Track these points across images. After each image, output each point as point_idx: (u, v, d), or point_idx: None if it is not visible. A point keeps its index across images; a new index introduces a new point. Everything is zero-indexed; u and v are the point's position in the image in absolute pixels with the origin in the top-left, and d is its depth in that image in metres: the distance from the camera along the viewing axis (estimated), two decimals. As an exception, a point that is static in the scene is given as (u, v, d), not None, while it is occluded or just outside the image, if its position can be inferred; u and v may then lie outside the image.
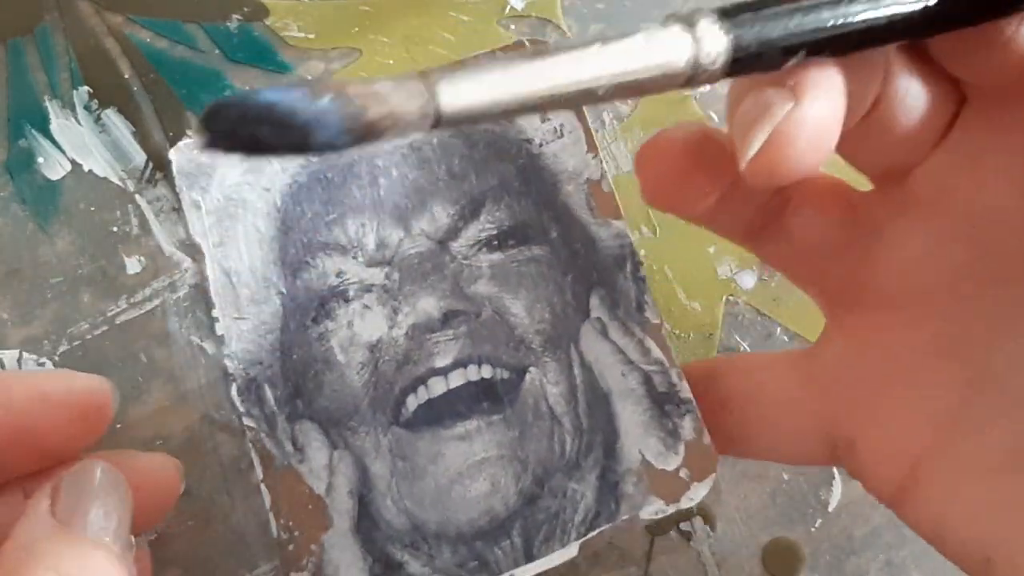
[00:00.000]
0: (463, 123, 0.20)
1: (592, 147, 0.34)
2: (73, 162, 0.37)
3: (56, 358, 0.36)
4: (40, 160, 0.37)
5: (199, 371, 0.35)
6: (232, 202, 0.32)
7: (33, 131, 0.38)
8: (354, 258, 0.32)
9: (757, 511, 0.36)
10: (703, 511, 0.36)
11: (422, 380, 0.32)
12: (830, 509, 0.37)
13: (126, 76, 0.39)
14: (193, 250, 0.33)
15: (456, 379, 0.32)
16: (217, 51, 0.39)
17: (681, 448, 0.31)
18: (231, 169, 0.33)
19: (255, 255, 0.32)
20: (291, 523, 0.30)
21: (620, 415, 0.32)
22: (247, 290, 0.32)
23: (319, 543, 0.30)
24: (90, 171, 0.37)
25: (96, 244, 0.36)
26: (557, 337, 0.32)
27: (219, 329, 0.32)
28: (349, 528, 0.31)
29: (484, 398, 0.32)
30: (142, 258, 0.37)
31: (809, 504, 0.37)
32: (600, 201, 0.34)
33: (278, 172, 0.33)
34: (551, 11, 0.41)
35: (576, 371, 0.32)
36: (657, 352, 0.32)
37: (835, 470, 0.37)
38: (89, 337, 0.36)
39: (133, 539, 0.26)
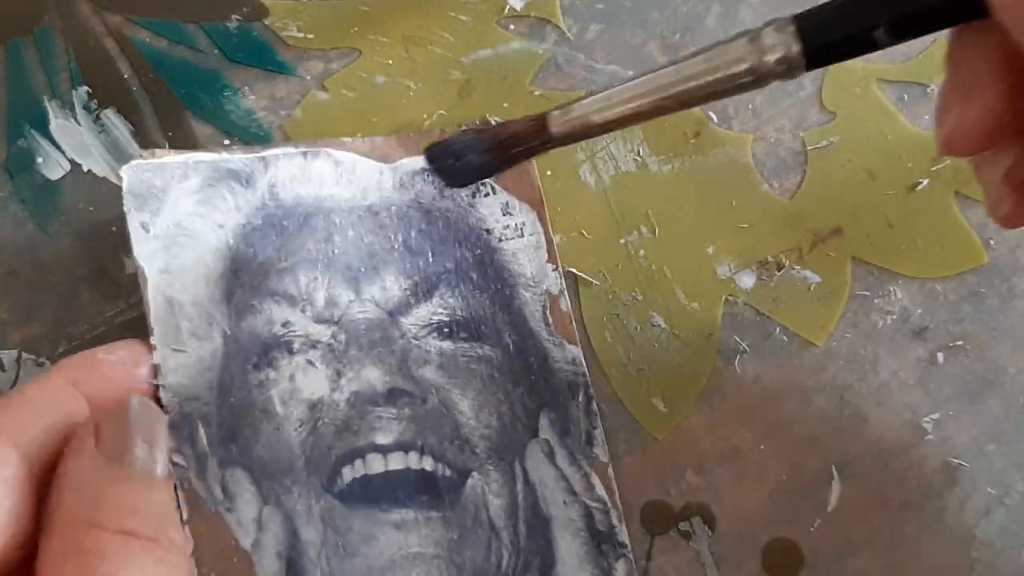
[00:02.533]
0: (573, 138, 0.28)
1: (553, 258, 0.33)
2: (72, 162, 0.37)
3: (55, 358, 0.36)
4: (39, 160, 0.37)
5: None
6: (183, 231, 0.31)
7: (32, 131, 0.38)
8: (302, 311, 0.31)
9: (756, 511, 0.36)
10: (703, 511, 0.36)
11: (360, 453, 0.31)
12: (829, 509, 0.37)
13: (125, 76, 0.39)
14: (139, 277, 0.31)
15: (396, 461, 0.31)
16: (216, 51, 0.39)
17: None
18: (185, 197, 0.32)
19: (200, 289, 0.31)
20: (214, 574, 0.29)
21: (559, 543, 0.31)
22: (188, 323, 0.31)
23: None
24: (89, 171, 0.37)
25: (95, 244, 0.36)
26: (502, 447, 0.32)
27: (155, 358, 0.30)
28: None
29: (424, 491, 0.31)
30: (141, 258, 0.37)
31: (808, 504, 0.37)
32: (556, 319, 0.33)
33: (232, 210, 0.32)
34: (550, 11, 0.41)
35: (519, 487, 0.32)
36: (601, 490, 0.32)
37: (834, 470, 0.37)
38: (88, 337, 0.36)
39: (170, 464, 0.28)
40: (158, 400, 0.30)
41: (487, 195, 0.34)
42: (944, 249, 0.39)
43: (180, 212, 0.31)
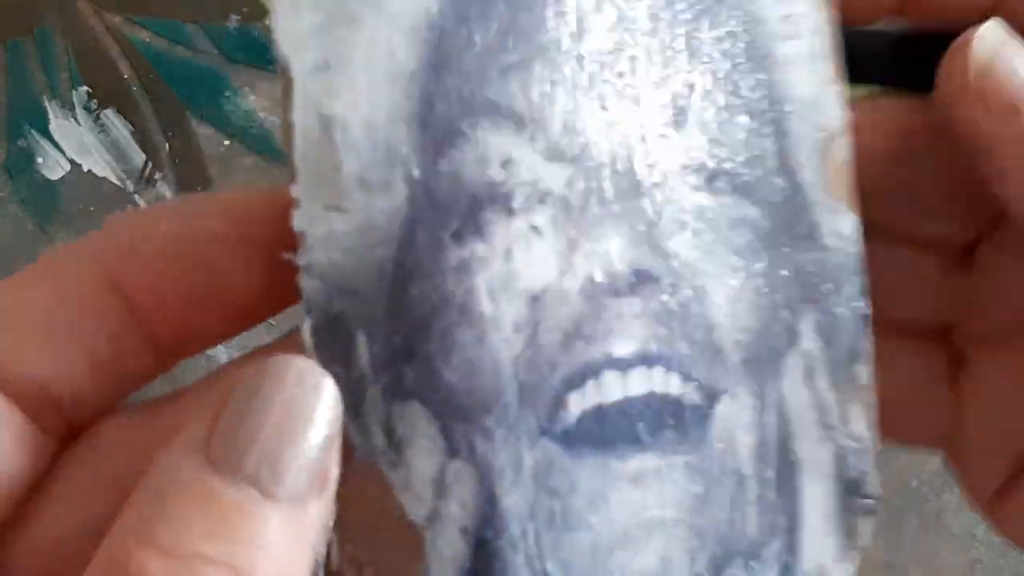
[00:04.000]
0: None
1: (833, 74, 0.23)
2: (72, 162, 0.37)
3: (55, 358, 0.36)
4: (39, 160, 0.37)
5: (199, 374, 0.35)
6: None
7: (32, 131, 0.38)
8: (531, 139, 0.21)
9: (756, 512, 0.36)
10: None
11: (594, 370, 0.21)
12: (829, 510, 0.37)
13: (125, 76, 0.39)
14: (281, 80, 0.19)
15: (638, 382, 0.21)
16: (216, 51, 0.39)
17: (854, 558, 0.23)
18: None
19: (380, 99, 0.20)
20: (362, 555, 0.20)
21: (805, 497, 0.23)
22: (355, 161, 0.19)
23: None
24: (89, 171, 0.37)
25: (95, 244, 0.37)
26: (758, 360, 0.23)
27: (297, 221, 0.19)
28: None
29: (668, 424, 0.21)
30: (141, 258, 0.37)
31: (808, 505, 0.37)
32: (833, 170, 0.23)
33: None
34: (551, 11, 0.41)
35: (771, 419, 0.23)
36: (860, 424, 0.23)
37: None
38: (88, 337, 0.36)
39: (337, 468, 0.18)
40: (297, 291, 0.20)
41: None
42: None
43: None
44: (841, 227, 0.23)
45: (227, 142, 0.38)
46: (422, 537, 0.20)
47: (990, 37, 0.23)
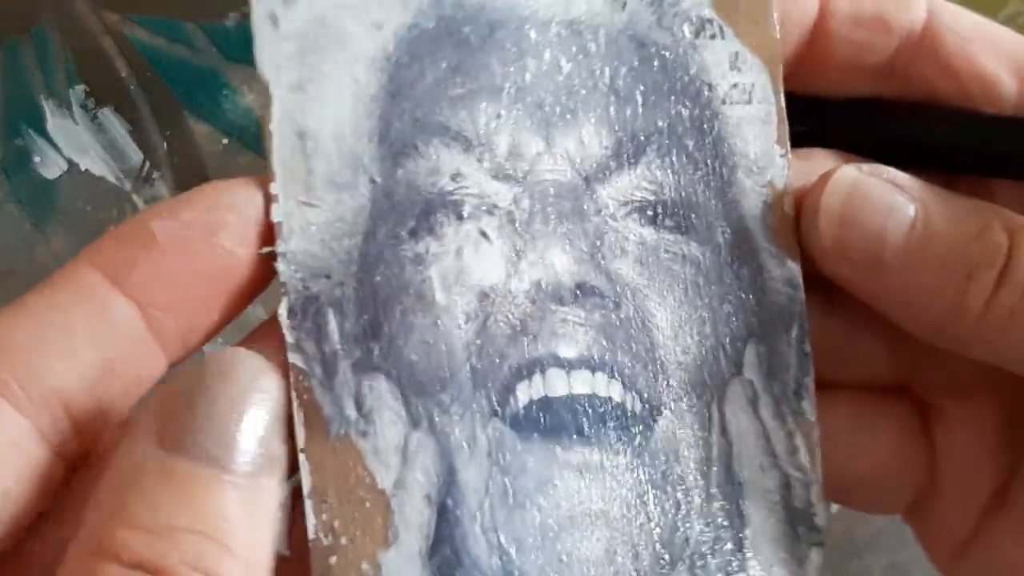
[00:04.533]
0: None
1: (783, 140, 0.25)
2: (70, 161, 0.37)
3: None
4: (36, 159, 0.37)
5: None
6: (326, 30, 0.23)
7: (29, 130, 0.38)
8: (479, 160, 0.23)
9: (758, 512, 0.36)
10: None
11: (540, 365, 0.23)
12: (832, 511, 0.36)
13: (123, 75, 0.38)
14: (261, 95, 0.23)
15: (581, 383, 0.24)
16: (214, 49, 0.39)
17: None
18: None
19: (345, 116, 0.23)
20: (337, 523, 0.21)
21: (751, 519, 0.24)
22: (325, 165, 0.22)
23: (374, 563, 0.22)
24: (87, 170, 0.37)
25: (93, 244, 0.36)
26: (700, 382, 0.25)
27: (275, 214, 0.22)
28: (419, 551, 0.22)
29: (611, 426, 0.24)
30: (139, 258, 0.36)
31: (811, 505, 0.37)
32: (778, 222, 0.25)
33: (396, 3, 0.23)
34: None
35: (714, 438, 0.25)
36: (804, 456, 0.25)
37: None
38: (86, 338, 0.35)
39: (282, 448, 0.20)
40: (272, 275, 0.22)
41: (713, 36, 0.25)
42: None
43: (324, 2, 0.23)
44: (785, 273, 0.25)
45: (225, 140, 0.37)
46: (390, 503, 0.22)
47: (836, 194, 0.23)
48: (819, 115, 0.26)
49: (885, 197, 0.23)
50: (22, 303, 0.20)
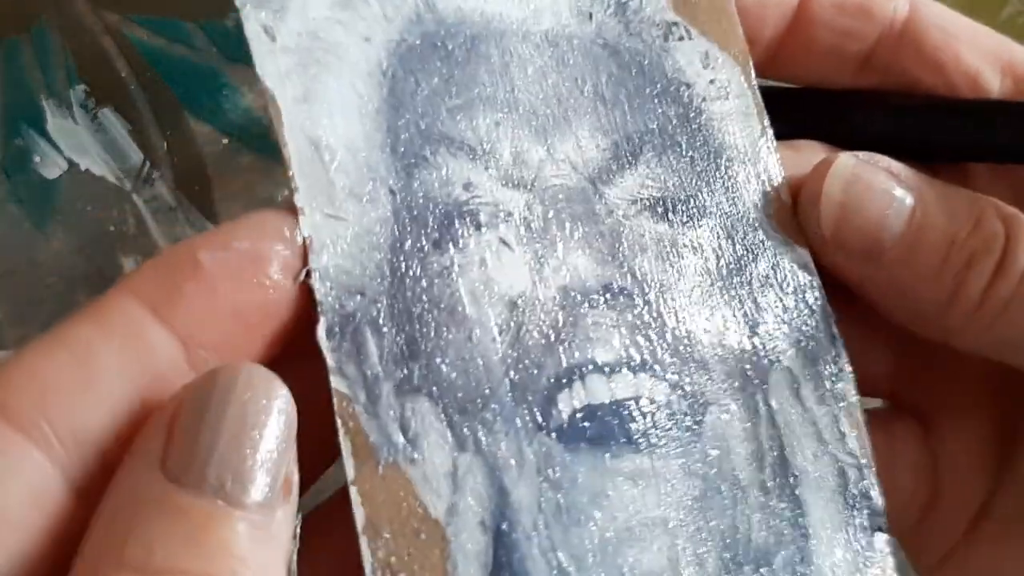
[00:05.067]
0: None
1: (766, 132, 0.25)
2: (70, 161, 0.37)
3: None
4: (36, 159, 0.37)
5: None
6: (320, 43, 0.22)
7: (29, 130, 0.38)
8: (486, 168, 0.23)
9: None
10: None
11: (579, 371, 0.23)
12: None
13: (123, 75, 0.38)
14: (267, 106, 0.22)
15: (624, 386, 0.23)
16: (215, 49, 0.39)
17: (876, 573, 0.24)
18: None
19: (355, 128, 0.22)
20: (394, 560, 0.20)
21: (810, 509, 0.24)
22: (344, 177, 0.22)
23: None
24: (87, 170, 0.37)
25: (93, 244, 0.36)
26: (742, 374, 0.24)
27: (304, 227, 0.21)
28: None
29: (658, 427, 0.23)
30: (139, 258, 0.36)
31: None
32: (779, 211, 0.25)
33: (380, 19, 0.23)
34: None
35: (764, 429, 0.24)
36: (852, 440, 0.24)
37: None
38: (86, 337, 0.35)
39: (295, 471, 0.18)
40: (309, 296, 0.20)
41: (681, 39, 0.25)
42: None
43: (313, 16, 0.22)
44: (798, 258, 0.25)
45: (225, 140, 0.37)
46: (445, 533, 0.20)
47: (837, 183, 0.23)
48: (801, 107, 0.26)
49: (885, 186, 0.23)
50: (57, 335, 0.18)
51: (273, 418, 0.17)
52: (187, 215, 0.38)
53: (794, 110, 0.27)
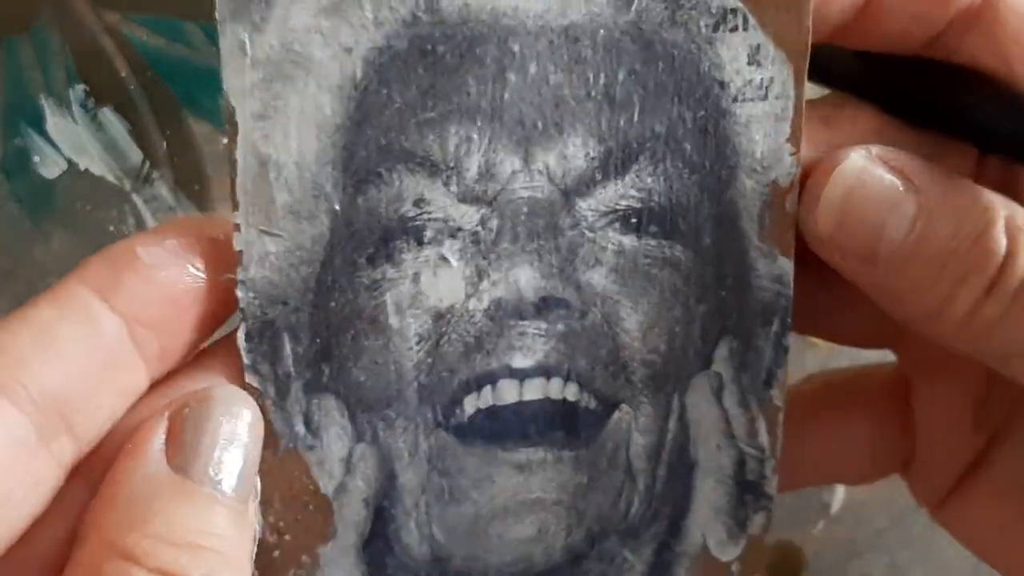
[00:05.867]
0: None
1: (795, 138, 0.25)
2: (69, 161, 0.37)
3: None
4: (36, 159, 0.37)
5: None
6: (293, 57, 0.22)
7: (29, 130, 0.37)
8: (445, 184, 0.23)
9: (759, 513, 0.36)
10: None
11: (491, 378, 0.24)
12: (832, 512, 0.36)
13: (122, 74, 0.38)
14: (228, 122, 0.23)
15: (534, 390, 0.25)
16: (215, 49, 0.39)
17: (743, 541, 0.27)
18: (301, 5, 0.22)
19: (309, 146, 0.22)
20: (282, 523, 0.24)
21: (698, 491, 0.26)
22: (287, 195, 0.22)
23: (313, 555, 0.24)
24: (86, 170, 0.37)
25: (92, 244, 0.36)
26: (664, 377, 0.25)
27: (237, 242, 0.22)
28: (354, 544, 0.24)
29: (560, 425, 0.25)
30: (139, 258, 0.36)
31: (811, 507, 0.36)
32: (775, 220, 0.25)
33: (369, 24, 0.22)
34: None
35: (671, 425, 0.26)
36: (764, 436, 0.26)
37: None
38: (85, 338, 0.35)
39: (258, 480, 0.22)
40: (235, 301, 0.22)
41: (734, 29, 0.24)
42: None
43: (294, 26, 0.22)
44: (774, 270, 0.25)
45: (225, 140, 0.37)
46: (331, 507, 0.24)
47: (839, 189, 0.23)
48: (863, 68, 0.25)
49: (888, 193, 0.23)
50: (19, 314, 0.21)
51: (253, 432, 0.22)
52: (187, 215, 0.38)
53: (859, 69, 0.25)
